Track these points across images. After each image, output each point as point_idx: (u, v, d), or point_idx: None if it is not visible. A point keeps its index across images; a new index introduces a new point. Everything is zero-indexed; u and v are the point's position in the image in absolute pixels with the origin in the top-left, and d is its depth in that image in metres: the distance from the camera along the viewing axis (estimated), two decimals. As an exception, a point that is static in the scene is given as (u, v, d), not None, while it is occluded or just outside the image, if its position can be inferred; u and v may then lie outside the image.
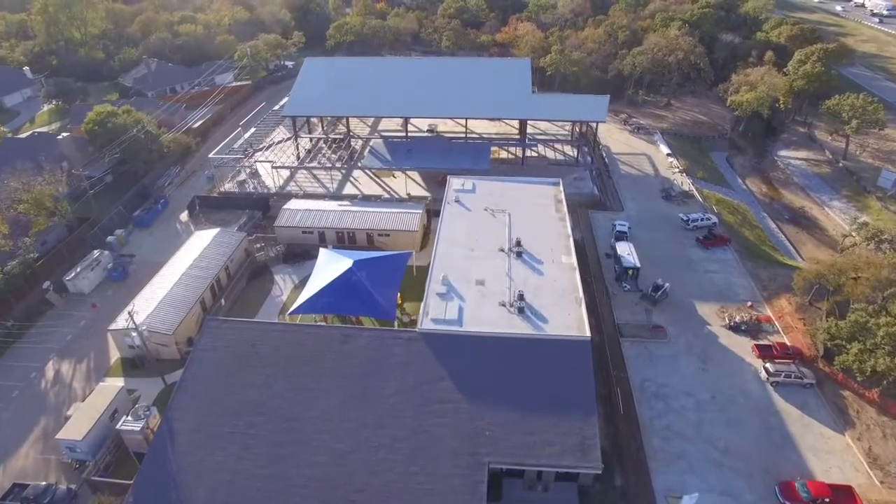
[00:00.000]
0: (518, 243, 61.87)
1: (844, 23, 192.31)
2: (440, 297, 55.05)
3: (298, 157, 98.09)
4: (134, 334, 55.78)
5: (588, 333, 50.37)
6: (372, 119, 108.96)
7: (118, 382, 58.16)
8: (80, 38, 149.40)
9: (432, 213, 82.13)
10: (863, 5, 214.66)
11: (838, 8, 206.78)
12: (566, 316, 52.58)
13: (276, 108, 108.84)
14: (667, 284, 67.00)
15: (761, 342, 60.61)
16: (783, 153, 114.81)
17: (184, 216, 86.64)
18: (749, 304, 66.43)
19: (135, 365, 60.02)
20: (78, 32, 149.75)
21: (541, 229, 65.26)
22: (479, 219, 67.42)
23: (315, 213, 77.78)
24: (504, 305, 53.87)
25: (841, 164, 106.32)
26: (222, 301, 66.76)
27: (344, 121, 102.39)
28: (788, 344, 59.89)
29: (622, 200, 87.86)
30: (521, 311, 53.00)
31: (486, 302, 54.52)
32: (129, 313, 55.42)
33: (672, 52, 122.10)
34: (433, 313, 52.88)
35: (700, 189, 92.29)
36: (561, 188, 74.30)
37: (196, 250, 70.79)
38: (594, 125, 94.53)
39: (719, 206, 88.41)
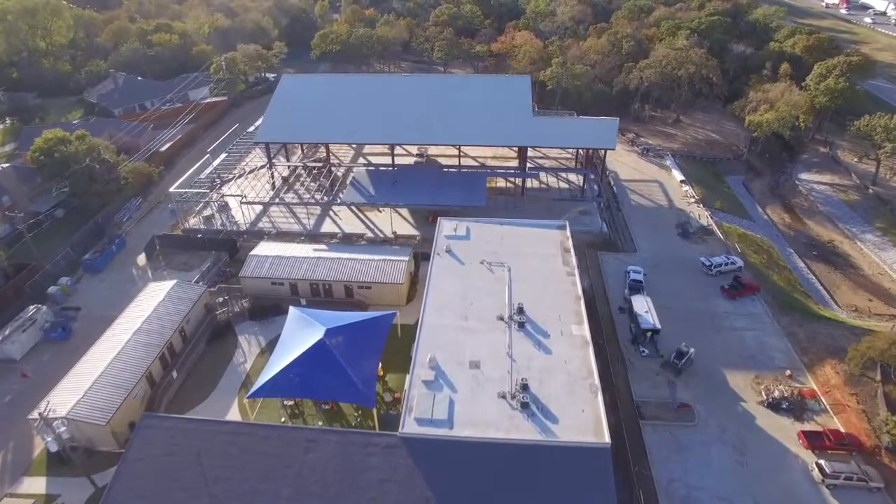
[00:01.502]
0: (520, 310, 52.31)
1: (858, 30, 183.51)
2: (427, 386, 45.43)
3: (274, 186, 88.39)
4: (60, 426, 46.05)
5: (607, 439, 40.89)
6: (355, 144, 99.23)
7: (39, 483, 48.48)
8: (45, 49, 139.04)
9: (420, 257, 72.73)
10: (884, 13, 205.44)
11: (867, 20, 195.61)
12: (580, 413, 43.08)
13: (251, 129, 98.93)
14: (691, 350, 57.60)
15: (809, 427, 51.27)
16: (804, 176, 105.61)
17: (142, 259, 76.75)
18: (788, 372, 57.09)
19: (62, 460, 50.19)
20: (43, 42, 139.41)
21: (547, 289, 55.71)
22: (473, 275, 57.81)
23: (286, 260, 68.00)
24: (504, 397, 44.32)
25: (871, 191, 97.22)
26: (174, 373, 57.03)
27: (324, 146, 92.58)
28: (843, 431, 50.57)
29: (634, 239, 78.42)
30: (524, 405, 43.47)
31: (483, 392, 44.97)
32: (48, 403, 45.71)
33: (682, 66, 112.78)
34: (418, 410, 43.26)
35: (720, 223, 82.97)
36: (567, 232, 64.76)
37: (146, 308, 60.96)
38: (602, 152, 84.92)
39: (742, 244, 79.10)
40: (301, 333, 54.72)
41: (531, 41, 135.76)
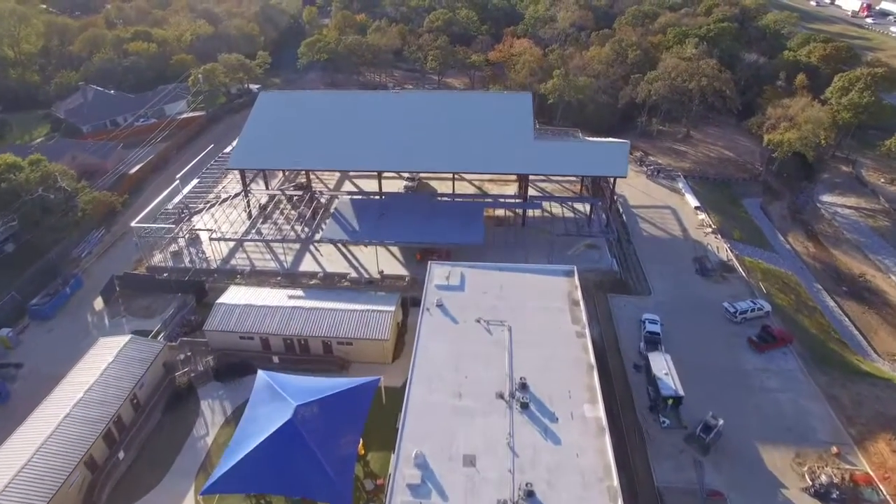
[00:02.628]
0: (523, 386, 44.46)
1: (870, 35, 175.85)
2: (412, 491, 37.54)
3: (251, 215, 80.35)
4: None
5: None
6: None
7: None
8: (13, 58, 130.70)
9: (409, 302, 64.91)
10: None
11: (894, 29, 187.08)
12: (598, 531, 35.28)
13: (228, 150, 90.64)
14: (721, 423, 49.83)
15: (866, 528, 43.64)
16: (827, 198, 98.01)
17: (99, 303, 68.64)
18: (834, 450, 49.35)
19: (-21, 571, 42.23)
20: (11, 51, 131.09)
21: (554, 355, 47.86)
22: (469, 337, 49.92)
23: (257, 311, 60.01)
24: (506, 508, 36.51)
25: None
26: (120, 454, 49.08)
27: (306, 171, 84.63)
28: (907, 533, 42.93)
29: (648, 277, 70.61)
30: (530, 520, 35.68)
31: (479, 499, 37.08)
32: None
33: (693, 78, 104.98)
34: (401, 528, 35.44)
35: (740, 257, 75.23)
36: (576, 280, 56.90)
37: (93, 373, 52.99)
38: (612, 179, 76.96)
39: (766, 281, 71.37)
40: (268, 409, 46.84)
41: (530, 49, 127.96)
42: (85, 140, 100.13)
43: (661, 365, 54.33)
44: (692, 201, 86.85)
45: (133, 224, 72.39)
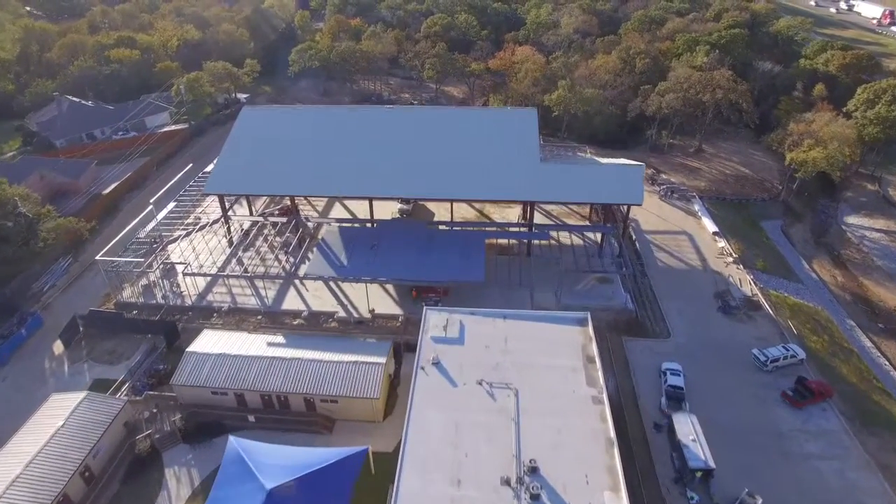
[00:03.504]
0: (533, 469, 37.97)
1: (885, 41, 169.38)
2: None
3: (231, 243, 73.73)
4: None
5: None
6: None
7: None
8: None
9: (403, 348, 58.37)
10: None
11: None
12: None
13: (209, 168, 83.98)
14: (759, 501, 43.34)
15: None
16: (852, 220, 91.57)
17: (59, 346, 62.00)
18: (890, 535, 42.95)
19: None
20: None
21: (568, 427, 41.36)
22: (469, 404, 43.39)
23: (232, 361, 53.38)
24: None
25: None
26: (65, 541, 42.49)
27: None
28: None
29: (666, 317, 64.06)
30: None
31: None
32: None
33: (707, 90, 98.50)
34: None
35: (765, 291, 68.78)
36: (590, 330, 50.42)
37: (38, 440, 46.35)
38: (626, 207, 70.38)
39: (795, 319, 64.97)
40: (237, 491, 40.30)
41: (533, 57, 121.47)
42: (56, 157, 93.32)
43: (688, 429, 47.82)
44: (710, 226, 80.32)
45: (98, 257, 65.56)
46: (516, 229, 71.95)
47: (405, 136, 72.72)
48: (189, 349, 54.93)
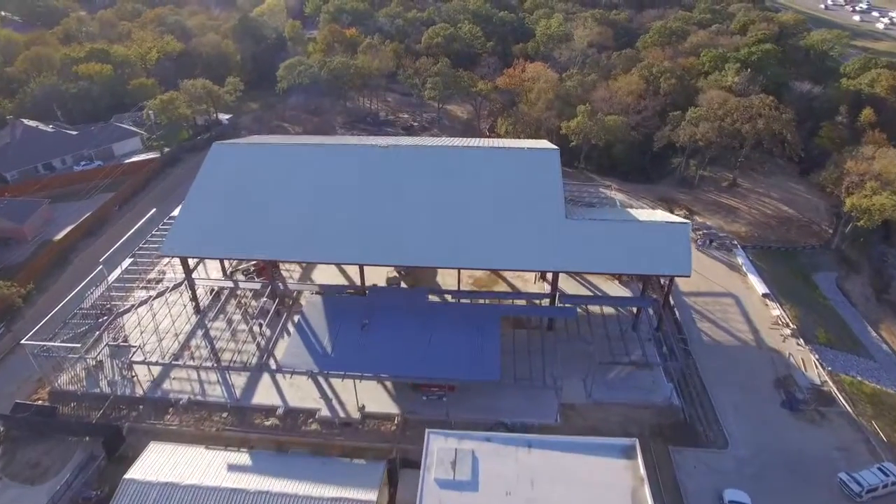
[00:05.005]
0: None
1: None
2: None
3: (198, 310, 62.19)
4: None
5: None
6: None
7: None
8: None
9: (399, 466, 46.87)
10: None
11: None
12: None
13: (176, 212, 72.25)
14: None
15: None
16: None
17: (-28, 454, 50.40)
18: None
19: None
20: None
21: None
22: None
23: (182, 494, 41.79)
24: None
25: None
26: None
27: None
28: None
29: (720, 415, 52.50)
30: None
31: None
32: None
33: (746, 118, 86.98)
34: None
35: (836, 376, 57.27)
36: (640, 463, 38.86)
37: None
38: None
39: (879, 417, 53.46)
40: None
41: (545, 74, 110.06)
42: (1, 195, 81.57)
43: None
44: (758, 285, 68.78)
45: (25, 341, 53.71)
46: (537, 301, 60.08)
47: (402, 183, 60.99)
48: (128, 475, 43.27)
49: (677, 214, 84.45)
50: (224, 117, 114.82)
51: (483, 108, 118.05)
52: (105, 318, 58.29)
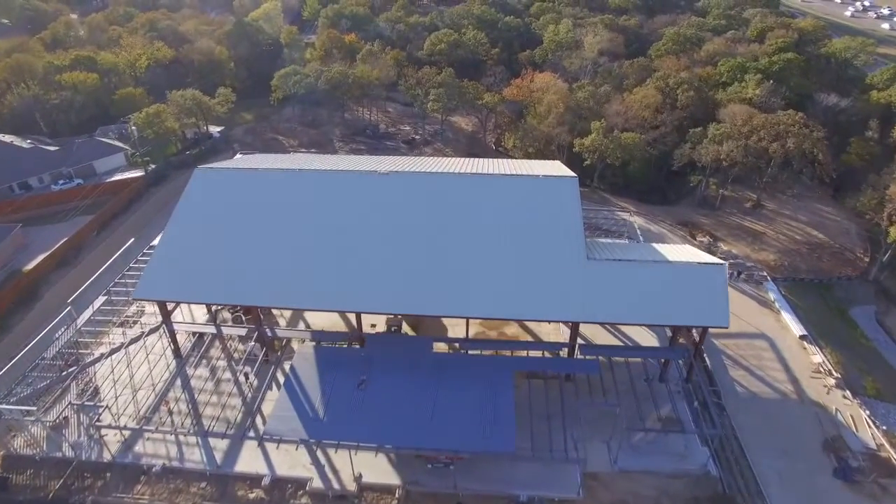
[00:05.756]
0: None
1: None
2: None
3: (179, 354, 56.12)
4: None
5: None
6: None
7: None
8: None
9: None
10: None
11: None
12: None
13: (157, 241, 65.90)
14: None
15: None
16: (961, 306, 73.91)
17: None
18: None
19: None
20: None
21: None
22: None
23: None
24: None
25: None
26: None
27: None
28: None
29: (763, 487, 46.29)
30: None
31: None
32: None
33: (773, 136, 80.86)
34: None
35: (892, 436, 51.06)
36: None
37: None
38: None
39: (938, 486, 47.26)
40: None
41: (555, 85, 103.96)
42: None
43: None
44: (793, 325, 62.59)
45: (-23, 403, 47.66)
46: (555, 353, 53.75)
47: (404, 216, 54.82)
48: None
49: (700, 241, 78.74)
50: (215, 130, 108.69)
51: (489, 120, 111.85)
52: (72, 368, 52.06)
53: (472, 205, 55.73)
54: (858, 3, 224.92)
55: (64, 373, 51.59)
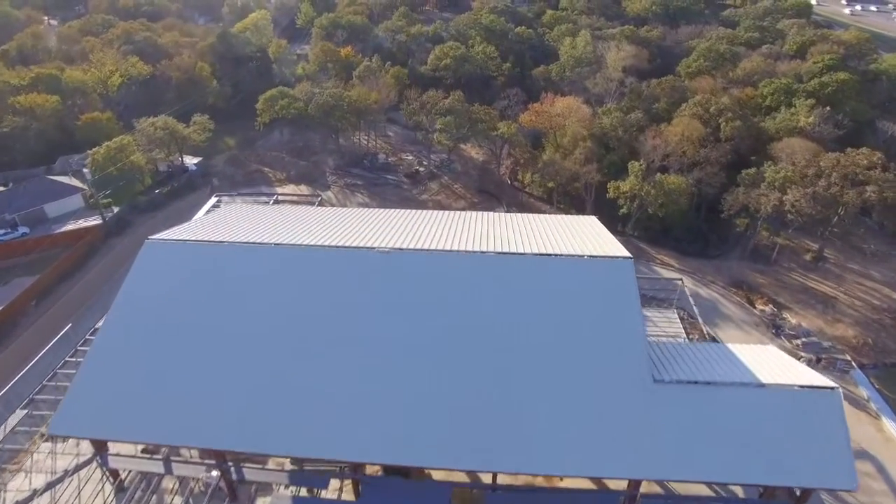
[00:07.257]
0: None
1: None
2: None
3: (123, 487, 43.10)
4: None
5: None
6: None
7: None
8: None
9: None
10: None
11: None
12: None
13: (101, 323, 52.64)
14: None
15: None
16: None
17: None
18: None
19: None
20: None
21: None
22: None
23: None
24: None
25: None
26: None
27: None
28: None
29: None
30: None
31: None
32: None
33: (849, 181, 68.00)
34: None
35: None
36: None
37: None
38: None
39: None
40: None
41: (578, 111, 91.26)
42: None
43: None
44: (899, 436, 49.76)
45: None
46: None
47: (407, 316, 41.90)
48: None
49: (760, 310, 65.69)
50: (191, 161, 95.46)
51: (502, 149, 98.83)
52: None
53: (499, 301, 42.62)
54: None
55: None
